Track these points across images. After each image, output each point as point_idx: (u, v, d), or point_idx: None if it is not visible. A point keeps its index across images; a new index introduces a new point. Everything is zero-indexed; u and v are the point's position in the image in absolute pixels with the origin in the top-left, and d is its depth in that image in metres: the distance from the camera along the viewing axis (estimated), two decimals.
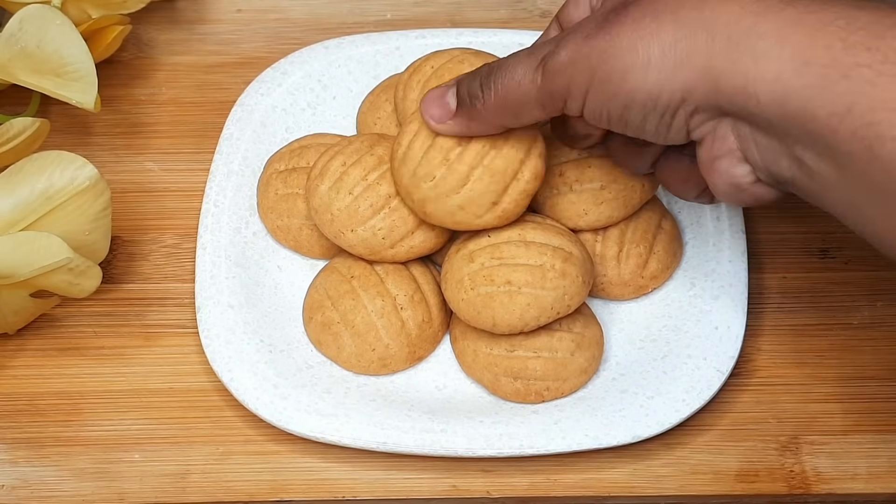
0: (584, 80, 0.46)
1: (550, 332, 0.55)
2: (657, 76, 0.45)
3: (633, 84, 0.45)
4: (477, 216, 0.53)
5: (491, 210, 0.53)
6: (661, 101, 0.45)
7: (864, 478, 0.54)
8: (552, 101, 0.48)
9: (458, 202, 0.52)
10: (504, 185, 0.52)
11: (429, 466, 0.54)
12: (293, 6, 0.70)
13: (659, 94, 0.45)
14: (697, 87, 0.44)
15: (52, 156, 0.55)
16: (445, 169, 0.52)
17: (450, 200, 0.52)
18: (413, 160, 0.53)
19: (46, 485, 0.54)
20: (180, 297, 0.59)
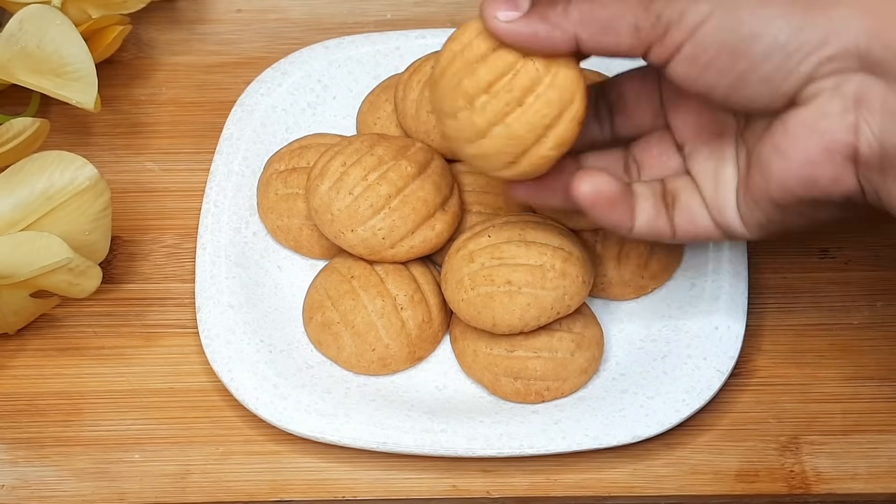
0: (704, 5, 0.43)
1: (550, 332, 0.55)
2: (805, 5, 0.42)
3: (769, 11, 0.42)
4: (494, 169, 0.49)
5: (508, 167, 0.48)
6: (798, 37, 0.42)
7: (864, 478, 0.54)
8: (654, 25, 0.43)
9: (474, 152, 0.48)
10: (523, 149, 0.47)
11: (429, 466, 0.54)
12: (293, 6, 0.70)
13: (800, 27, 0.42)
14: (850, 26, 0.41)
15: (52, 156, 0.55)
16: (468, 112, 0.48)
17: (466, 148, 0.48)
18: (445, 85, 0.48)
19: (46, 485, 0.54)
20: (180, 297, 0.59)
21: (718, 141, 0.48)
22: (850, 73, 0.42)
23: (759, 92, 0.43)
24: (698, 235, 0.49)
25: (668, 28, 0.43)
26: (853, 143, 0.43)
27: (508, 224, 0.55)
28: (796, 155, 0.44)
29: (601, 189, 0.47)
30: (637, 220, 0.48)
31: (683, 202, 0.49)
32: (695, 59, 0.43)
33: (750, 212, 0.47)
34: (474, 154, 0.48)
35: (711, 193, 0.48)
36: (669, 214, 0.48)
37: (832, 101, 0.43)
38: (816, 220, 0.46)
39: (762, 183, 0.45)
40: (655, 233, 0.48)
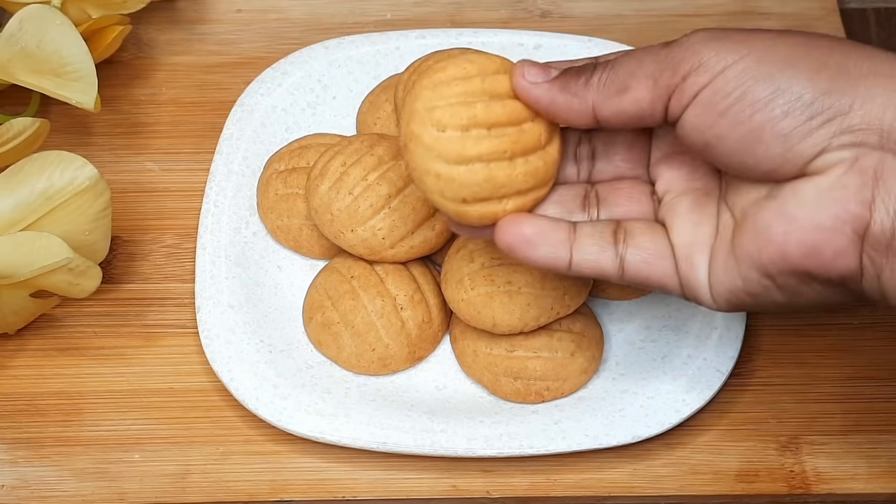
0: (729, 54, 0.42)
1: (550, 332, 0.55)
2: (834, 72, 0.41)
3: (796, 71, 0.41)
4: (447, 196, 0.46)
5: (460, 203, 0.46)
6: (823, 101, 0.41)
7: (864, 478, 0.54)
8: (673, 73, 0.43)
9: (442, 171, 0.45)
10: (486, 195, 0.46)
11: (429, 466, 0.54)
12: (293, 6, 0.70)
13: (827, 91, 0.41)
14: (877, 100, 0.41)
15: (52, 156, 0.55)
16: (459, 134, 0.46)
17: (435, 163, 0.46)
18: (446, 93, 0.46)
19: (46, 485, 0.54)
20: (180, 297, 0.59)
21: (704, 198, 0.46)
22: (869, 149, 0.41)
23: (771, 149, 0.42)
24: (650, 278, 0.46)
25: (689, 74, 0.43)
26: (866, 219, 0.41)
27: None
28: (805, 220, 0.42)
29: (519, 232, 0.46)
30: (575, 255, 0.46)
31: (641, 242, 0.46)
32: (711, 106, 0.42)
33: (725, 276, 0.44)
34: (441, 173, 0.45)
35: (687, 244, 0.46)
36: (618, 251, 0.46)
37: (850, 173, 0.41)
38: (796, 298, 0.44)
39: (754, 248, 0.43)
40: (597, 269, 0.46)
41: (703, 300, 0.45)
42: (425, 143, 0.45)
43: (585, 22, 0.69)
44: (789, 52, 0.42)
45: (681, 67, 0.43)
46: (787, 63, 0.42)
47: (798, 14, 0.69)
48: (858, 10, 0.71)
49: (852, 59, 0.42)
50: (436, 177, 0.45)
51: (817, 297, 0.44)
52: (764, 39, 0.43)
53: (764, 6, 0.70)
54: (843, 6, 0.70)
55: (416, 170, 0.45)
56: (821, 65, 0.42)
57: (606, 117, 0.45)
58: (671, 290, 0.46)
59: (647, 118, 0.44)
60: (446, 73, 0.45)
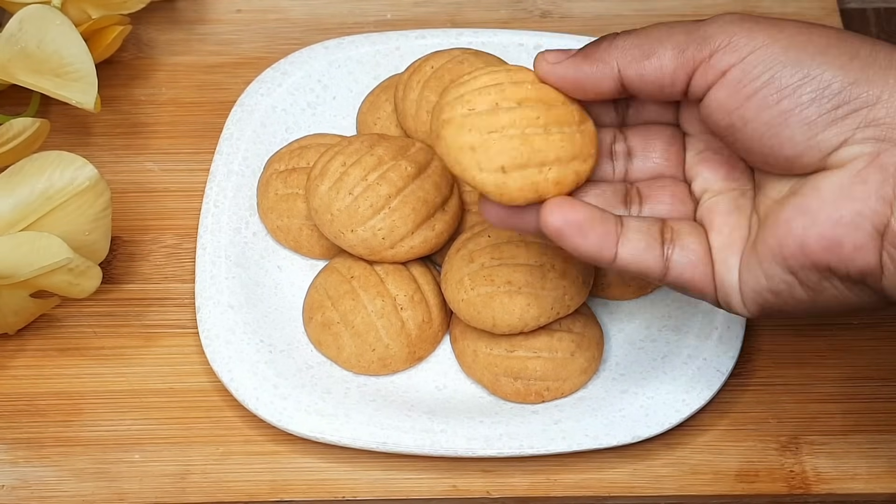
0: (760, 35, 0.42)
1: (550, 332, 0.55)
2: (865, 62, 0.41)
3: (826, 58, 0.41)
4: (482, 165, 0.45)
5: (496, 172, 0.45)
6: (851, 90, 0.41)
7: (864, 478, 0.54)
8: (700, 46, 0.43)
9: (473, 141, 0.45)
10: (524, 161, 0.45)
11: (429, 466, 0.54)
12: (293, 6, 0.70)
13: (855, 81, 0.41)
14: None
15: (52, 156, 0.55)
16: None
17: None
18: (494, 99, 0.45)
19: (46, 485, 0.54)
20: (180, 297, 0.59)
21: (741, 199, 0.46)
22: (891, 145, 0.41)
23: (796, 136, 0.42)
24: (692, 281, 0.45)
25: (716, 50, 0.42)
26: (886, 216, 0.41)
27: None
28: (825, 215, 0.42)
29: (569, 217, 0.44)
30: (621, 249, 0.45)
31: (688, 243, 0.45)
32: (739, 86, 0.42)
33: (749, 275, 0.44)
34: (475, 143, 0.44)
35: (724, 246, 0.45)
36: (664, 251, 0.45)
37: (871, 169, 0.41)
38: (820, 296, 0.44)
39: (774, 243, 0.43)
40: (642, 267, 0.45)
41: (735, 306, 0.45)
42: (457, 122, 0.44)
43: (585, 22, 0.69)
44: (820, 41, 0.42)
45: (709, 43, 0.42)
46: (818, 50, 0.42)
47: (798, 14, 0.69)
48: (858, 10, 0.71)
49: (883, 52, 0.42)
50: (471, 149, 0.44)
51: (840, 297, 0.43)
52: (795, 27, 0.43)
53: (764, 6, 0.70)
54: (843, 6, 0.70)
55: (450, 151, 0.44)
56: (852, 55, 0.42)
57: (632, 79, 0.44)
58: (708, 296, 0.46)
59: (667, 87, 0.44)
60: (473, 76, 0.46)
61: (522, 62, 0.63)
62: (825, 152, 0.42)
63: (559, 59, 0.45)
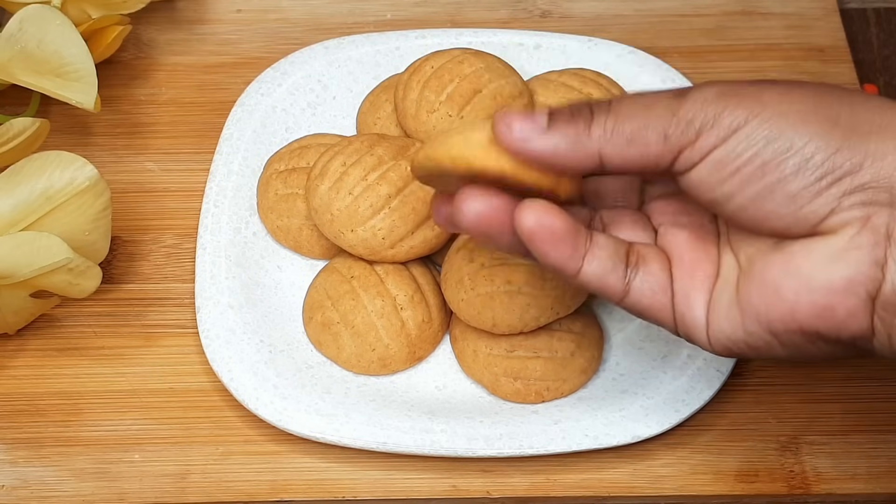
0: (741, 112, 0.41)
1: (550, 332, 0.55)
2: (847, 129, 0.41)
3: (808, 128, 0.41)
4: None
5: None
6: (835, 159, 0.41)
7: (864, 478, 0.54)
8: (685, 131, 0.42)
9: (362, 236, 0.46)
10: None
11: (429, 466, 0.54)
12: (293, 6, 0.70)
13: (838, 149, 0.40)
14: (888, 157, 0.40)
15: (52, 156, 0.55)
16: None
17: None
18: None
19: (46, 485, 0.54)
20: (180, 297, 0.59)
21: (701, 232, 0.46)
22: (880, 207, 0.41)
23: (781, 209, 0.41)
24: (650, 309, 0.45)
25: (701, 132, 0.42)
26: (879, 279, 0.41)
27: None
28: (817, 281, 0.41)
29: (545, 222, 0.43)
30: (586, 265, 0.44)
31: (652, 270, 0.45)
32: (722, 165, 0.41)
33: (727, 325, 0.43)
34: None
35: (685, 279, 0.45)
36: (626, 274, 0.44)
37: (862, 233, 0.41)
38: (799, 353, 0.43)
39: (761, 304, 0.42)
40: (602, 287, 0.44)
41: (698, 340, 0.44)
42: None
43: (585, 22, 0.69)
44: (801, 108, 0.41)
45: (692, 125, 0.42)
46: (800, 118, 0.41)
47: (798, 14, 0.69)
48: (858, 10, 0.71)
49: (862, 113, 0.42)
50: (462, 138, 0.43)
51: (821, 354, 0.43)
52: (776, 93, 0.42)
53: (764, 6, 0.70)
54: (843, 6, 0.70)
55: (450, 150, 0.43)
56: (832, 122, 0.41)
57: (614, 163, 0.43)
58: (665, 325, 0.45)
59: (650, 169, 0.43)
60: None
61: (522, 62, 0.64)
62: (813, 223, 0.41)
63: (527, 135, 0.42)
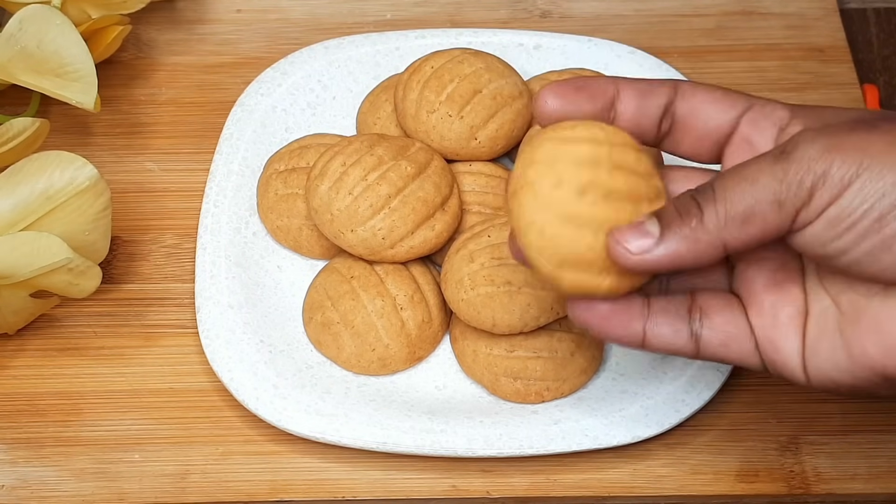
0: (849, 165, 0.40)
1: (550, 332, 0.55)
2: None
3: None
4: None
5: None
6: None
7: (864, 478, 0.54)
8: (797, 192, 0.41)
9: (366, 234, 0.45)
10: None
11: (429, 466, 0.54)
12: (293, 6, 0.70)
13: None
14: None
15: (52, 156, 0.55)
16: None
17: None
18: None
19: (46, 485, 0.54)
20: (180, 297, 0.59)
21: (782, 273, 0.45)
22: None
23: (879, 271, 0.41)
24: (728, 357, 0.45)
25: (813, 191, 0.41)
26: None
27: (508, 224, 0.55)
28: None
29: (595, 308, 0.44)
30: (649, 334, 0.44)
31: (717, 323, 0.45)
32: (837, 222, 0.41)
33: (832, 368, 0.43)
34: (546, 229, 0.42)
35: (768, 326, 0.44)
36: (693, 330, 0.45)
37: None
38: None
39: (878, 354, 0.42)
40: (672, 350, 0.45)
41: (793, 380, 0.44)
42: (538, 194, 0.42)
43: (585, 22, 0.69)
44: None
45: (804, 186, 0.41)
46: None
47: (798, 14, 0.69)
48: (858, 10, 0.71)
49: None
50: (539, 232, 0.42)
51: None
52: (880, 145, 0.41)
53: (764, 6, 0.70)
54: (843, 6, 0.70)
55: (520, 219, 0.42)
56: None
57: (738, 248, 0.42)
58: (751, 368, 0.45)
59: (772, 239, 0.42)
60: (575, 131, 0.43)
61: (522, 62, 0.64)
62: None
63: (646, 248, 0.42)
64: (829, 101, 0.65)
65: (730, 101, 0.46)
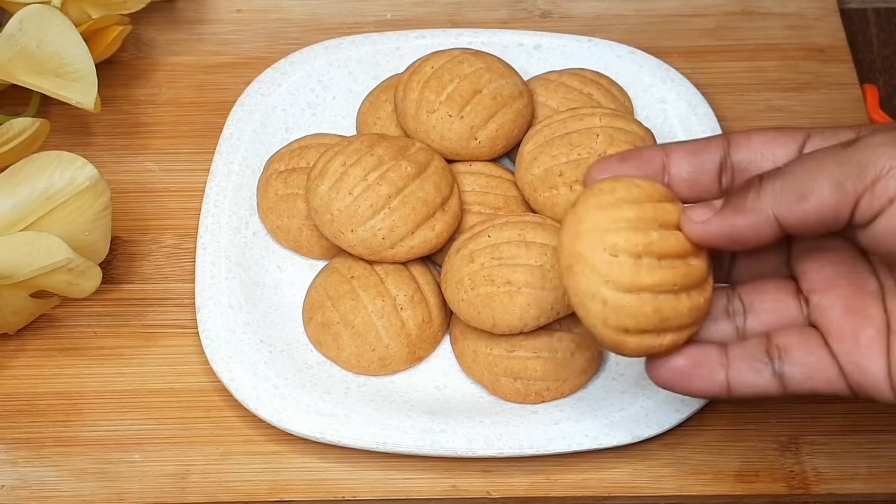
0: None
1: (550, 332, 0.55)
2: None
3: None
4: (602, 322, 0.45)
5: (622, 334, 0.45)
6: None
7: (864, 478, 0.54)
8: (859, 176, 0.41)
9: (611, 296, 0.43)
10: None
11: (429, 466, 0.54)
12: (293, 6, 0.70)
13: None
14: None
15: (52, 156, 0.55)
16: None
17: (599, 286, 0.44)
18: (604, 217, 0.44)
19: (46, 485, 0.54)
20: (180, 297, 0.59)
21: (858, 299, 0.45)
22: None
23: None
24: (815, 389, 0.45)
25: (878, 178, 0.41)
26: None
27: (508, 224, 0.55)
28: None
29: (673, 367, 0.45)
30: (732, 382, 0.45)
31: (798, 358, 0.45)
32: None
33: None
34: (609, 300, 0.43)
35: (850, 351, 0.44)
36: (775, 369, 0.45)
37: None
38: None
39: None
40: (758, 392, 0.45)
41: (882, 399, 0.44)
42: (596, 266, 0.42)
43: (585, 22, 0.69)
44: None
45: (868, 171, 0.41)
46: None
47: (798, 14, 0.69)
48: (858, 10, 0.71)
49: None
50: (602, 303, 0.43)
51: None
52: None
53: (764, 6, 0.70)
54: (843, 6, 0.70)
55: (580, 293, 0.43)
56: None
57: (791, 224, 0.42)
58: (841, 394, 0.45)
59: (830, 223, 0.42)
60: (615, 195, 0.43)
61: (522, 62, 0.64)
62: None
63: (706, 217, 0.43)
64: (829, 101, 0.65)
65: (788, 135, 0.46)
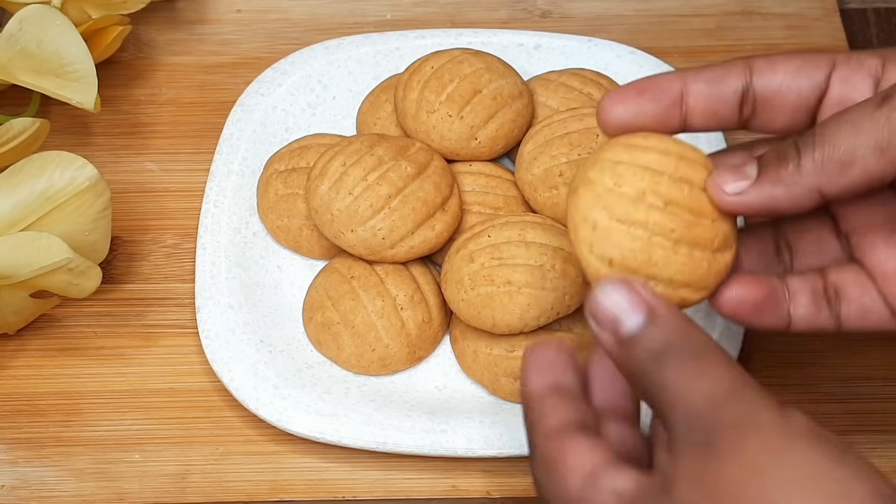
0: None
1: (550, 332, 0.55)
2: None
3: None
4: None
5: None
6: None
7: None
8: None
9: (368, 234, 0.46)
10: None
11: (429, 466, 0.54)
12: (293, 6, 0.70)
13: None
14: None
15: (52, 156, 0.55)
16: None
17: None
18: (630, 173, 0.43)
19: (46, 485, 0.54)
20: (180, 297, 0.59)
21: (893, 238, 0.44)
22: None
23: None
24: (870, 327, 0.44)
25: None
26: None
27: (508, 224, 0.55)
28: None
29: (744, 298, 0.44)
30: (794, 318, 0.44)
31: (853, 297, 0.44)
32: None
33: None
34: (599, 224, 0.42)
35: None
36: (833, 309, 0.44)
37: None
38: None
39: None
40: (816, 329, 0.44)
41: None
42: (596, 190, 0.42)
43: (585, 22, 0.69)
44: None
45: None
46: None
47: (798, 14, 0.69)
48: (858, 10, 0.71)
49: None
50: (592, 227, 0.42)
51: None
52: None
53: (764, 6, 0.70)
54: (843, 6, 0.70)
55: (575, 215, 0.42)
56: None
57: (835, 194, 0.41)
58: (894, 332, 0.45)
59: (875, 187, 0.41)
60: (647, 140, 0.43)
61: (522, 62, 0.64)
62: None
63: (741, 188, 0.42)
64: None
65: (813, 64, 0.44)
